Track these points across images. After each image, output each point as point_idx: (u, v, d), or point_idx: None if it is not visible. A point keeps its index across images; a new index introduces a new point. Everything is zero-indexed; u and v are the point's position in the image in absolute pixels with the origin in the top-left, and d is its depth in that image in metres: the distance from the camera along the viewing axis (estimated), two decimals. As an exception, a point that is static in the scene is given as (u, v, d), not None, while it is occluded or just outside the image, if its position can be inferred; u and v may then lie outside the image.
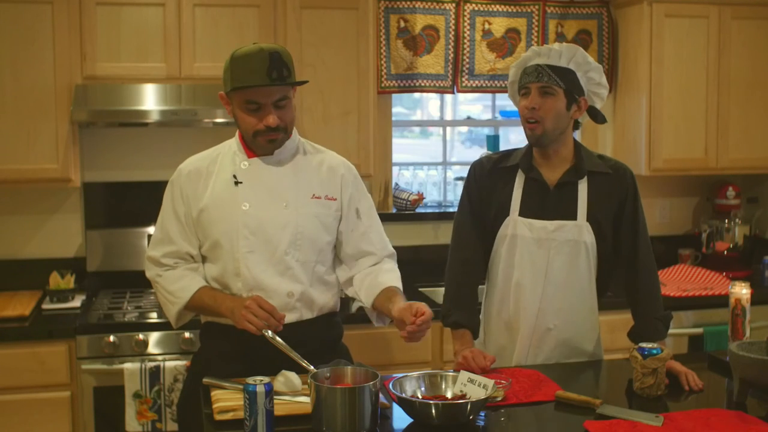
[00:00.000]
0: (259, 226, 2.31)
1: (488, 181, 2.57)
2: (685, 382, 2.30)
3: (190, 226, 2.37)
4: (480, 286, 2.63)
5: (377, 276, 2.41)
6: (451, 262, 2.61)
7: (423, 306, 2.17)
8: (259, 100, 2.25)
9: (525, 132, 2.48)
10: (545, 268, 2.48)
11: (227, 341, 2.35)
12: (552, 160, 2.50)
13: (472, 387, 2.03)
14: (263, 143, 2.32)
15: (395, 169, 4.21)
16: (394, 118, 4.13)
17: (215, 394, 2.14)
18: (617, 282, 2.61)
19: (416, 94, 4.42)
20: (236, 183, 2.34)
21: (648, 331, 2.48)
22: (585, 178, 2.48)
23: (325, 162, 2.45)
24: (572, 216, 2.47)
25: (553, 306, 2.50)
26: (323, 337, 2.40)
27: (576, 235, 2.47)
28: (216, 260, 2.36)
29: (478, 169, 2.61)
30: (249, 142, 2.36)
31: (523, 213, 2.50)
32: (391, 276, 2.42)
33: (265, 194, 2.34)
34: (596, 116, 2.57)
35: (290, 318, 2.31)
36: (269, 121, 2.26)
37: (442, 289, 2.69)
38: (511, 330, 2.54)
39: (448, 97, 4.41)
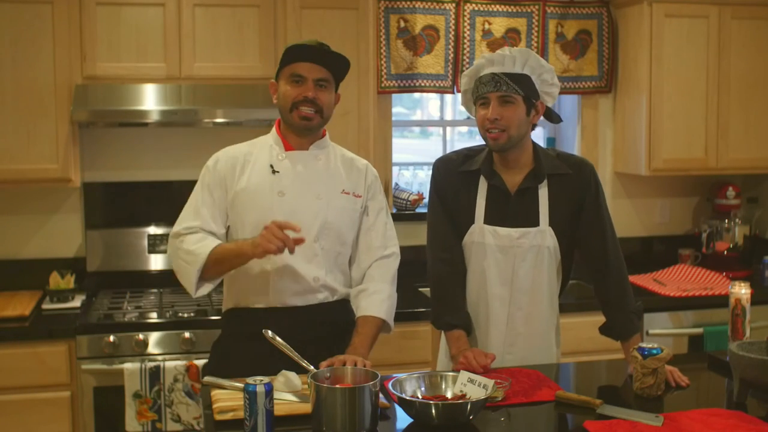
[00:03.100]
0: (292, 214, 2.39)
1: (452, 183, 2.57)
2: (672, 379, 2.31)
3: (222, 209, 2.44)
4: None
5: (362, 299, 2.50)
6: (432, 263, 2.61)
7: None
8: (303, 73, 2.40)
9: (487, 142, 2.47)
10: (511, 276, 2.51)
11: (249, 324, 2.41)
12: (512, 166, 2.51)
13: (472, 387, 2.03)
14: (297, 120, 2.41)
15: (395, 169, 4.21)
16: (394, 118, 4.13)
17: (215, 394, 2.14)
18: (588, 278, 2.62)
19: (416, 94, 4.42)
20: (273, 172, 2.44)
21: (625, 325, 2.49)
22: (545, 182, 2.49)
23: (353, 162, 2.58)
24: (535, 222, 2.49)
25: (521, 312, 2.53)
26: (338, 320, 2.51)
27: (539, 241, 2.49)
28: None
29: (442, 169, 2.61)
30: (286, 120, 2.46)
31: (487, 220, 2.52)
32: (372, 301, 2.49)
33: (300, 185, 2.44)
34: (551, 116, 2.57)
35: (313, 300, 2.44)
36: (308, 92, 2.39)
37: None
38: (485, 336, 2.56)
39: (448, 97, 4.41)
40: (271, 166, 2.45)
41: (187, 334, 3.24)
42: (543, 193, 2.49)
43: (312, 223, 2.41)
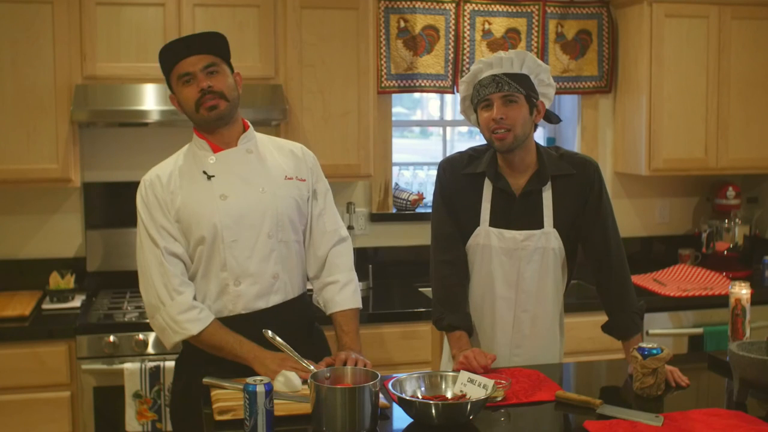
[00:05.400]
0: (239, 214, 2.33)
1: (458, 185, 2.57)
2: (672, 379, 2.31)
3: (175, 230, 2.34)
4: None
5: (334, 294, 2.47)
6: (435, 264, 2.60)
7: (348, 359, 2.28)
8: (188, 69, 2.30)
9: (492, 144, 2.46)
10: (517, 278, 2.51)
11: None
12: (517, 168, 2.51)
13: (472, 387, 2.03)
14: (205, 114, 2.31)
15: (395, 169, 4.21)
16: (394, 118, 4.13)
17: (215, 394, 2.14)
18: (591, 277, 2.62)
19: (416, 94, 4.42)
20: (208, 177, 2.35)
21: (626, 324, 2.49)
22: (549, 184, 2.49)
23: (285, 146, 2.51)
24: (539, 224, 2.49)
25: (527, 314, 2.53)
26: (304, 314, 2.47)
27: (544, 243, 2.49)
28: (195, 258, 2.35)
29: (448, 170, 2.60)
30: (197, 122, 2.36)
31: (493, 223, 2.51)
32: (346, 293, 2.47)
33: (240, 183, 2.36)
34: (550, 117, 2.57)
35: (275, 300, 2.37)
36: (202, 84, 2.29)
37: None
38: (491, 339, 2.56)
39: (448, 97, 4.41)
40: (204, 173, 2.35)
41: (187, 334, 3.23)
42: (547, 194, 2.49)
43: (263, 219, 2.34)
